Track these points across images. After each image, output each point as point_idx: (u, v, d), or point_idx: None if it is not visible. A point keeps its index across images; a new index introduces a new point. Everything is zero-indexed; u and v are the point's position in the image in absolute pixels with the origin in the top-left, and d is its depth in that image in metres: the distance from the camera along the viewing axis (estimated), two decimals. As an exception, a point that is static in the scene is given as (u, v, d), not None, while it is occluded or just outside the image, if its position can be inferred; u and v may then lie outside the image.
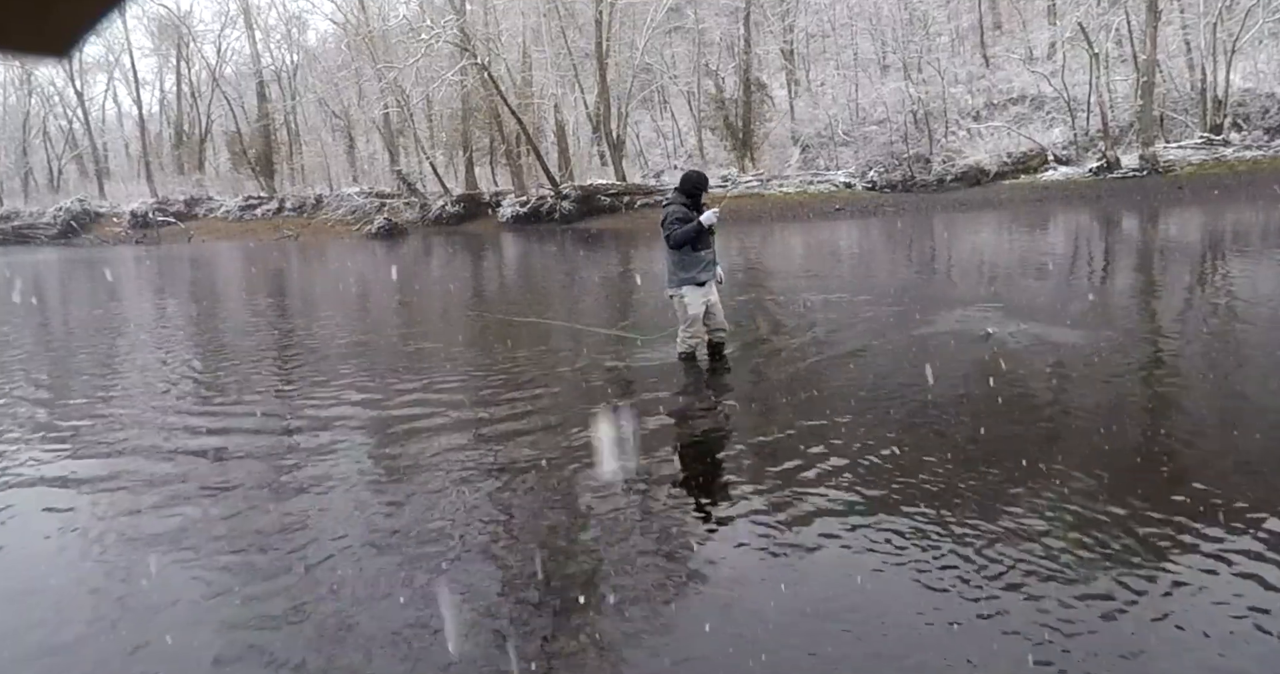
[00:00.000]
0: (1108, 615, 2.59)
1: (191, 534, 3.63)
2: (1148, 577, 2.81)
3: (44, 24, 0.40)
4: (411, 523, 3.62)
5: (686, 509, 3.67)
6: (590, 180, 29.30)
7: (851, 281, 11.22)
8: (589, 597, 2.92)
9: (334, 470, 4.36)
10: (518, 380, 6.09)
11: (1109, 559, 2.93)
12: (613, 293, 11.72)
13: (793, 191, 27.44)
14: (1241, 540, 2.98)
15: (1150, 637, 2.48)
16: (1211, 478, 3.56)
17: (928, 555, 3.04)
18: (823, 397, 5.22)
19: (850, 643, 2.55)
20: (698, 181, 5.99)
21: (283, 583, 3.13)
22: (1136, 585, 2.75)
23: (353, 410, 5.59)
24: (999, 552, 3.01)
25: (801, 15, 34.58)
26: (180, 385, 6.90)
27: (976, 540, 3.11)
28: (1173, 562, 2.88)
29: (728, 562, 3.13)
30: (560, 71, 31.66)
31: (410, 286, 13.94)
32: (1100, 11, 26.00)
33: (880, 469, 3.90)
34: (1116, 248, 13.94)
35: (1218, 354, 5.99)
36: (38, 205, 40.68)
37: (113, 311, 12.86)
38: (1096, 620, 2.56)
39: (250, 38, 39.67)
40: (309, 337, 9.01)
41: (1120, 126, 25.88)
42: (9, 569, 3.48)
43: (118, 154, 47.71)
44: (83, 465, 4.75)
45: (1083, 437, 4.28)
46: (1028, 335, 6.43)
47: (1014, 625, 2.57)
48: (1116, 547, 3.01)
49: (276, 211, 36.07)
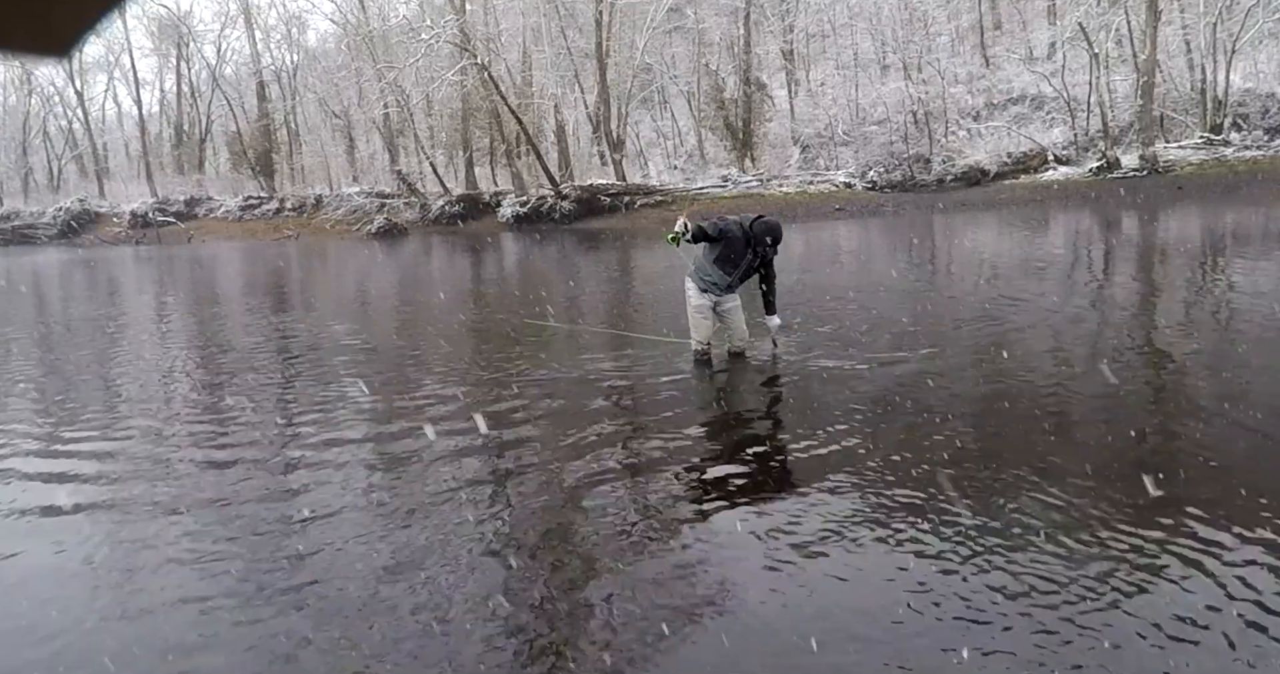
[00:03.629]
0: (1109, 622, 2.59)
1: (192, 537, 3.64)
2: (1141, 579, 2.82)
3: (44, 24, 0.40)
4: (415, 524, 3.62)
5: (689, 511, 3.68)
6: (590, 180, 29.31)
7: (862, 279, 11.21)
8: (591, 609, 2.92)
9: (337, 473, 4.36)
10: (521, 381, 6.10)
11: (1109, 560, 2.94)
12: (634, 295, 11.73)
13: (792, 191, 27.45)
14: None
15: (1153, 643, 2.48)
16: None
17: (935, 565, 3.04)
18: (827, 404, 5.23)
19: (864, 652, 2.56)
20: (763, 231, 6.05)
21: (284, 583, 3.13)
22: (1133, 584, 2.76)
23: (356, 411, 5.59)
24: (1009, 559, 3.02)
25: (801, 15, 34.60)
26: (184, 387, 6.91)
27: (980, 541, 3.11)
28: (1172, 564, 2.89)
29: (730, 564, 3.14)
30: (560, 71, 31.67)
31: (422, 288, 13.94)
32: (1100, 11, 26.02)
33: (891, 475, 3.91)
34: (1122, 249, 13.94)
35: (1215, 353, 6.00)
36: (38, 205, 40.65)
37: (119, 323, 12.86)
38: (1097, 625, 2.57)
39: (250, 38, 39.72)
40: (310, 338, 9.01)
41: (1120, 126, 25.90)
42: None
43: (118, 154, 47.68)
44: (81, 466, 4.75)
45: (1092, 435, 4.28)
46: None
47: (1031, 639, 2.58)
48: (1116, 548, 3.02)
49: (276, 211, 36.08)
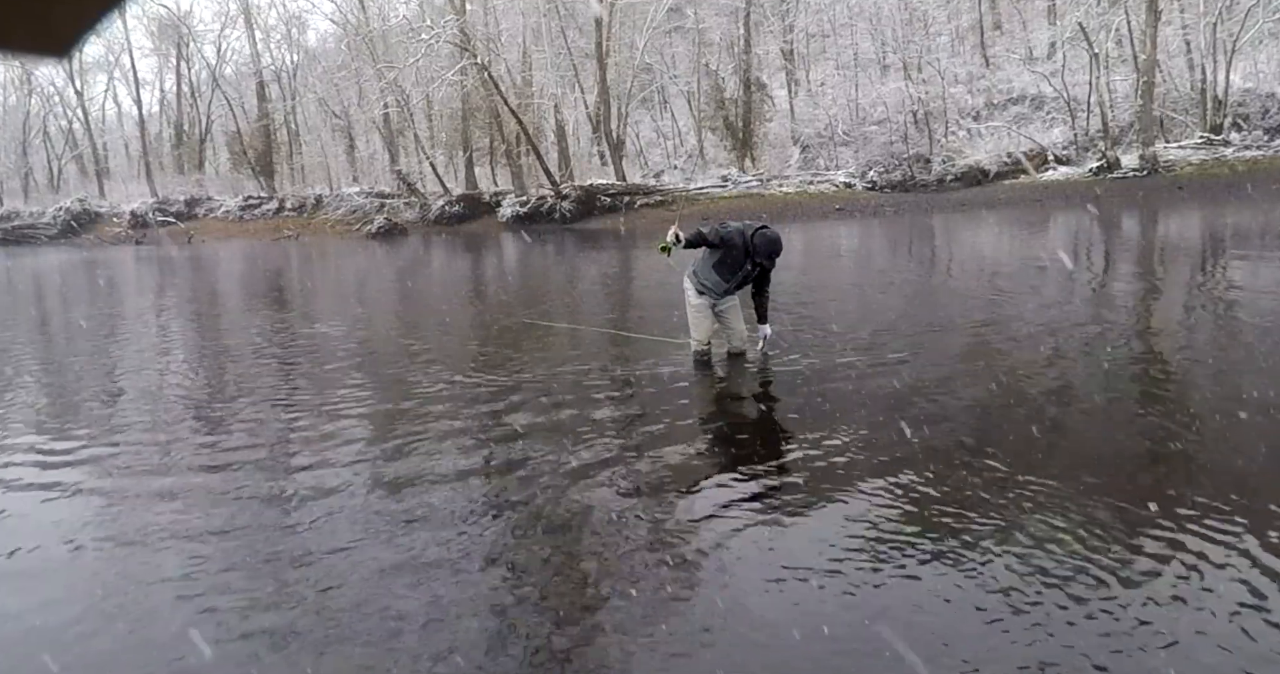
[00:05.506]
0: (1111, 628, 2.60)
1: (193, 538, 3.64)
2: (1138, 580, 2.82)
3: (44, 24, 0.40)
4: (418, 528, 3.62)
5: (690, 512, 3.68)
6: (590, 180, 29.33)
7: (862, 279, 11.21)
8: (592, 610, 2.93)
9: (336, 473, 4.36)
10: (521, 381, 6.10)
11: (1110, 562, 2.94)
12: (634, 295, 11.73)
13: (792, 191, 27.48)
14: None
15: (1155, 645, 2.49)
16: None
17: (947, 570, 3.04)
18: (827, 404, 5.23)
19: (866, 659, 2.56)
20: (764, 246, 5.80)
21: (284, 583, 3.14)
22: (1132, 585, 2.76)
23: (360, 415, 5.59)
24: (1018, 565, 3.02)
25: (801, 15, 34.63)
26: (187, 389, 6.91)
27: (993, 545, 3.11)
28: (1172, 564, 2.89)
29: (732, 564, 3.14)
30: (560, 71, 31.70)
31: (422, 288, 13.94)
32: (1100, 11, 26.04)
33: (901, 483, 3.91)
34: (1122, 248, 13.95)
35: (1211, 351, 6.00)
36: (38, 205, 40.72)
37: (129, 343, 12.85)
38: (1096, 633, 2.57)
39: (250, 38, 39.77)
40: (310, 338, 9.01)
41: (1120, 126, 25.93)
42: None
43: (118, 154, 47.72)
44: (82, 464, 4.75)
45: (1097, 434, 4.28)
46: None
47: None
48: (1118, 550, 3.02)
49: (276, 211, 36.12)
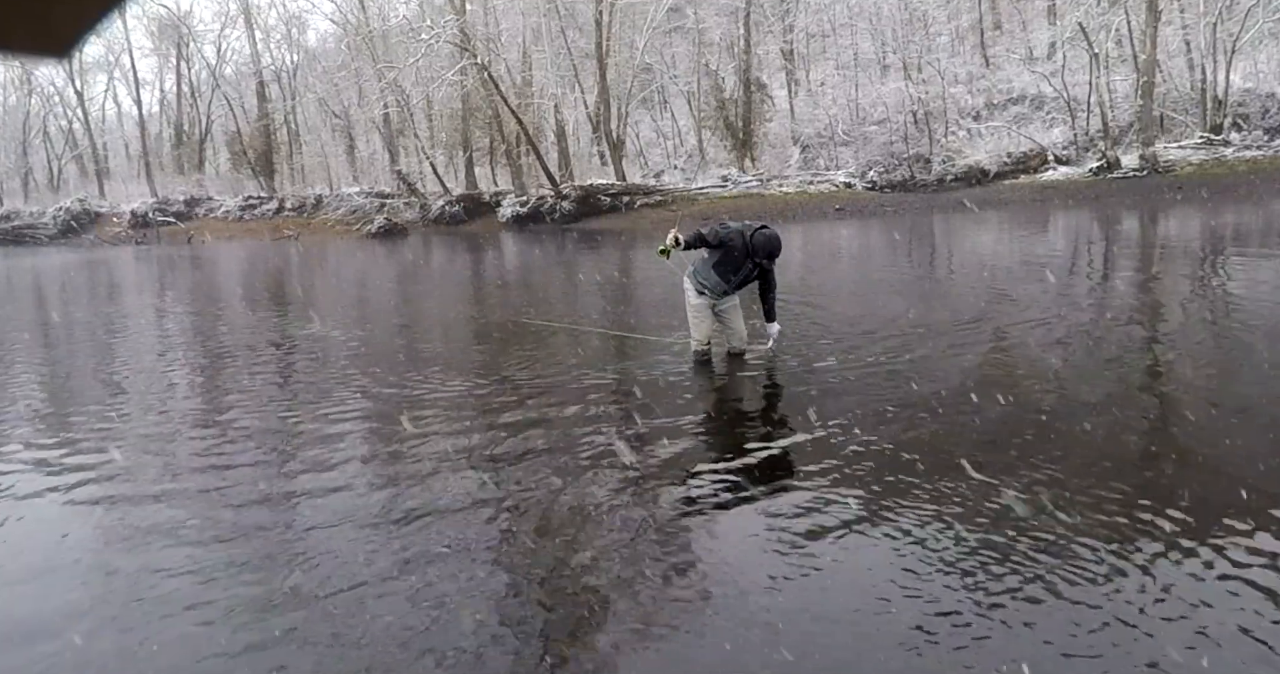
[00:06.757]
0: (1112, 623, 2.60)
1: (193, 540, 3.64)
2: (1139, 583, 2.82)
3: (44, 24, 0.40)
4: (419, 528, 3.62)
5: (690, 511, 3.68)
6: (590, 180, 29.33)
7: (862, 279, 11.20)
8: (593, 608, 2.93)
9: (336, 473, 4.36)
10: (521, 381, 6.10)
11: (1113, 561, 2.94)
12: (634, 295, 11.73)
13: (792, 191, 27.47)
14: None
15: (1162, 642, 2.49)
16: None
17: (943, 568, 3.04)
18: (828, 404, 5.22)
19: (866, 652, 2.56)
20: (763, 246, 5.84)
21: (283, 583, 3.14)
22: (1132, 586, 2.76)
23: (360, 415, 5.59)
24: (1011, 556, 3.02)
25: (801, 15, 34.62)
26: (188, 388, 6.91)
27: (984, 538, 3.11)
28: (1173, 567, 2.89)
29: (733, 563, 3.14)
30: (560, 71, 31.68)
31: (422, 288, 13.93)
32: (1100, 11, 26.03)
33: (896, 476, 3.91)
34: (1121, 248, 13.94)
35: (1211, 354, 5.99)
36: (38, 205, 40.73)
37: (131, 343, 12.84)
38: (1098, 634, 2.57)
39: (250, 38, 39.75)
40: (309, 338, 9.00)
41: (1120, 126, 25.92)
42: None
43: (118, 154, 47.73)
44: (82, 460, 4.75)
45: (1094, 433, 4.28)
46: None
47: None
48: (1122, 550, 3.02)
49: (276, 211, 36.12)
